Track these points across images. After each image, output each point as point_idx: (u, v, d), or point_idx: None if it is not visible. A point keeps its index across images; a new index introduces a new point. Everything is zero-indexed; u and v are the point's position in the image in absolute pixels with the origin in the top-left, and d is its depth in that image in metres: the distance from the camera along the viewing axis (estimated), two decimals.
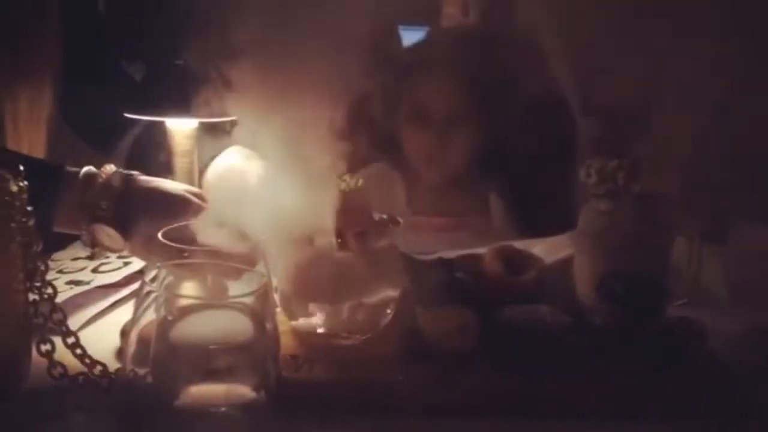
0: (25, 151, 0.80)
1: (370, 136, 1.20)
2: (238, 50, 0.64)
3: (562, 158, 1.12)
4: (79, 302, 0.80)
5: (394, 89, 1.20)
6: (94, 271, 0.87)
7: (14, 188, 0.59)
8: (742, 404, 0.65)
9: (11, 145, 0.80)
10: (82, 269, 0.87)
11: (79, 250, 0.92)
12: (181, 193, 0.74)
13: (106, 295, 0.83)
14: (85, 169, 0.73)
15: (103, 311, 0.80)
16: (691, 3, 0.76)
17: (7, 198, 0.58)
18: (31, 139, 0.81)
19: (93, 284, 0.84)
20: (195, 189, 0.75)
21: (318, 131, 0.67)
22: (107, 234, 0.70)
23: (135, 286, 0.85)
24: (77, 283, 0.83)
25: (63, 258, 0.92)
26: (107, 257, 0.90)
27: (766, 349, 0.74)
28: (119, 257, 0.91)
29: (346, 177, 0.74)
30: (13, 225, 0.59)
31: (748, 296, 0.87)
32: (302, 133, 0.66)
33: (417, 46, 1.31)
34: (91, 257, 0.74)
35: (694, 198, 0.76)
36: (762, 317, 0.82)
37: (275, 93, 0.65)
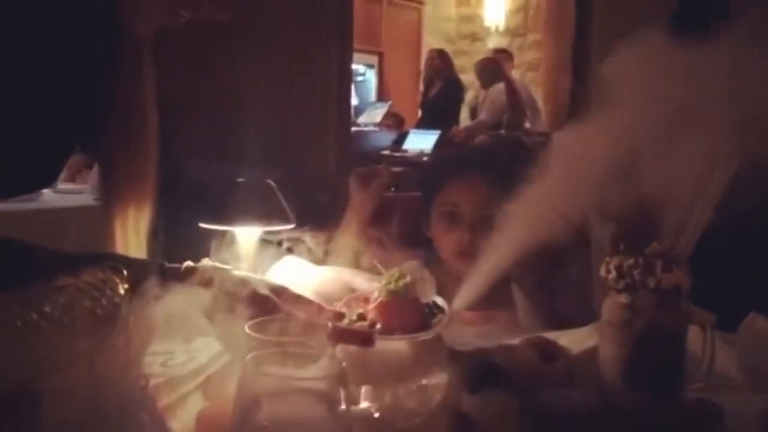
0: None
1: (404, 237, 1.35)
2: None
3: (578, 255, 1.23)
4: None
5: (426, 193, 1.37)
6: (163, 365, 0.96)
7: (122, 291, 0.69)
8: None
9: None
10: (152, 364, 0.96)
11: None
12: (263, 293, 0.84)
13: (175, 388, 0.91)
14: (186, 263, 0.84)
15: (175, 401, 0.88)
16: None
17: (117, 299, 0.68)
18: (134, 249, 0.94)
19: (163, 377, 0.92)
20: (277, 285, 0.85)
21: None
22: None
23: (201, 377, 0.93)
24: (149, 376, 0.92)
25: None
26: (173, 353, 0.99)
27: None
28: (184, 352, 1.00)
29: (392, 275, 0.83)
30: (120, 322, 0.69)
31: (760, 381, 0.95)
32: None
33: (445, 156, 1.48)
34: None
35: (704, 291, 0.85)
36: None
37: None
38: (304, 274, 0.95)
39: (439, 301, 0.86)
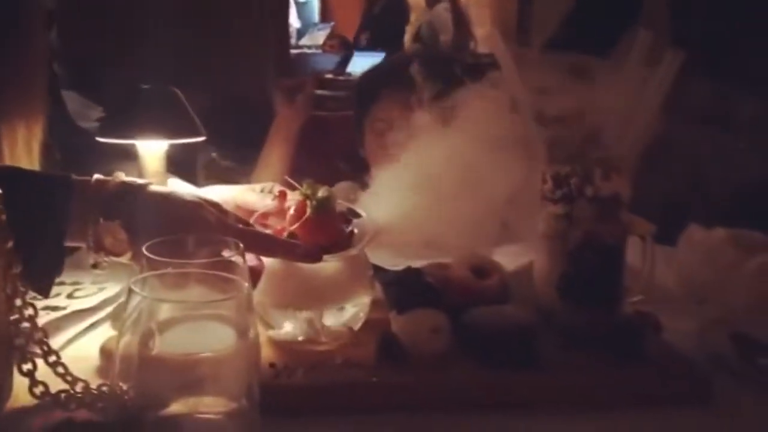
0: None
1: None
2: None
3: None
4: (56, 326, 0.81)
5: (358, 110, 1.29)
6: (69, 296, 0.89)
7: None
8: (697, 391, 0.70)
9: None
10: (57, 295, 0.88)
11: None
12: (195, 199, 0.73)
13: (82, 319, 0.84)
14: (96, 176, 0.72)
15: (80, 333, 0.81)
16: None
17: None
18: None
19: (69, 309, 0.85)
20: (210, 198, 0.75)
21: None
22: (114, 236, 0.69)
23: (110, 309, 0.86)
24: (53, 308, 0.84)
25: None
26: (81, 284, 0.92)
27: (716, 340, 0.79)
28: (93, 283, 0.93)
29: (307, 188, 0.76)
30: None
31: (699, 293, 0.93)
32: None
33: (375, 69, 1.40)
34: (94, 266, 0.72)
35: (645, 200, 0.80)
36: (711, 311, 0.87)
37: None
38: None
39: (354, 207, 0.80)
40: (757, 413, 0.69)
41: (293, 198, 0.78)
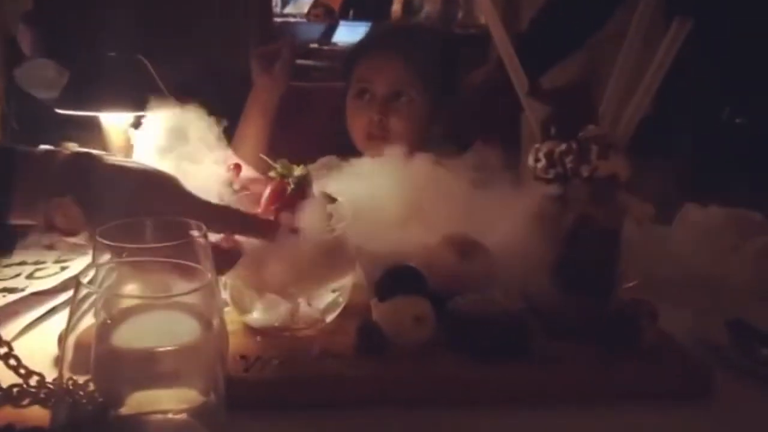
0: None
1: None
2: None
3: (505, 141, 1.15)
4: (13, 310, 0.75)
5: (344, 74, 1.27)
6: (29, 277, 0.83)
7: None
8: (694, 384, 0.66)
9: None
10: (16, 276, 0.83)
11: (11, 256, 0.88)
12: (154, 169, 0.65)
13: (42, 302, 0.78)
14: (43, 147, 0.64)
15: (40, 319, 0.75)
16: None
17: None
18: None
19: (28, 291, 0.79)
20: (169, 174, 0.67)
21: None
22: (66, 213, 0.61)
23: (72, 291, 0.81)
24: (11, 290, 0.79)
25: None
26: (44, 263, 0.86)
27: (713, 330, 0.75)
28: (56, 262, 0.87)
29: (284, 165, 0.71)
30: None
31: (694, 275, 0.89)
32: None
33: (363, 38, 1.39)
34: (50, 246, 0.64)
35: (642, 180, 0.76)
36: (708, 296, 0.83)
37: None
38: None
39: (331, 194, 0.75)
40: (758, 407, 0.66)
41: (246, 173, 0.73)
